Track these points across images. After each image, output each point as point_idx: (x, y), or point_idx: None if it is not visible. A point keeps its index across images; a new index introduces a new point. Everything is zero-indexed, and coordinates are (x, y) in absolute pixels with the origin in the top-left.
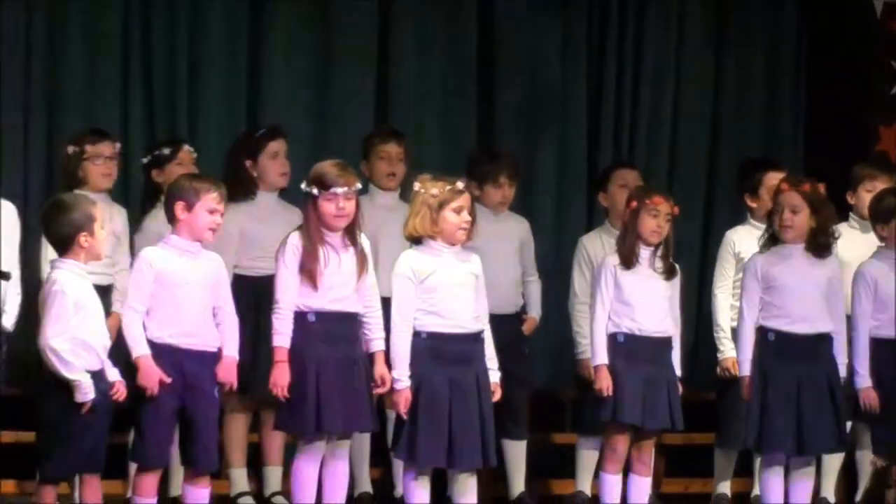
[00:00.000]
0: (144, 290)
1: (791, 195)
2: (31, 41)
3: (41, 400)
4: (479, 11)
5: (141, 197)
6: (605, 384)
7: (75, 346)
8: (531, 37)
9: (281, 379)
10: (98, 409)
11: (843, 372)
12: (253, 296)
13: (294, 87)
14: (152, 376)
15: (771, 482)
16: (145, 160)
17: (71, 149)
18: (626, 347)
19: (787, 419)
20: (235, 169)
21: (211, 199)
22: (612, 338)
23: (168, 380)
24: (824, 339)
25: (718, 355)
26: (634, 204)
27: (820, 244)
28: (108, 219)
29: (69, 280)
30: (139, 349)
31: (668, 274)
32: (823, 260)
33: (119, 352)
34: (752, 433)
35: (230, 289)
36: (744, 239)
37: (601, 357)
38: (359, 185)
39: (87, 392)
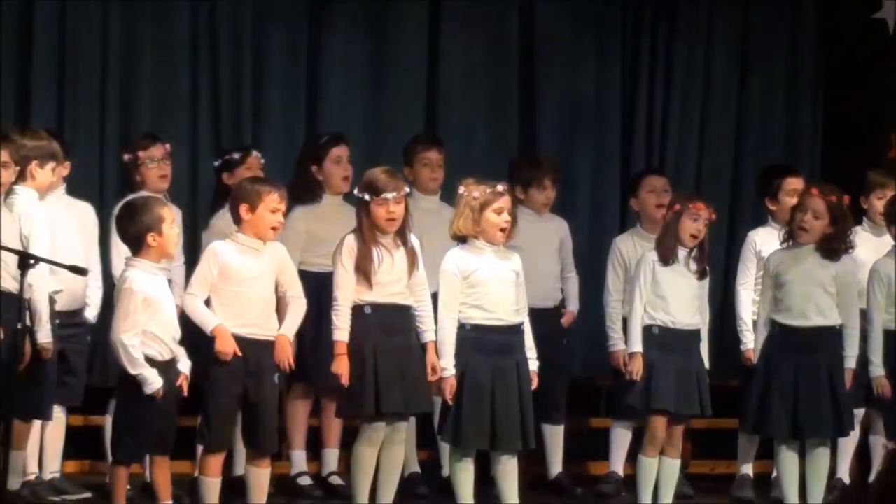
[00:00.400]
0: (207, 280)
1: (817, 201)
2: (106, 53)
3: (117, 388)
4: (521, 28)
5: (210, 197)
6: (636, 368)
7: (146, 339)
8: (569, 51)
9: (341, 369)
10: (167, 396)
11: (851, 364)
12: (315, 290)
13: (349, 96)
14: (230, 343)
15: (785, 463)
16: (217, 163)
17: (126, 156)
18: (661, 339)
19: (784, 406)
20: (303, 174)
21: (272, 199)
22: (648, 330)
23: (239, 353)
24: (826, 333)
25: (741, 346)
26: (678, 207)
27: (832, 249)
28: None
29: (139, 278)
30: (212, 321)
31: (701, 275)
32: (833, 261)
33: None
34: (750, 418)
35: (297, 276)
36: (764, 239)
37: (636, 345)
38: (407, 190)
39: (152, 383)
